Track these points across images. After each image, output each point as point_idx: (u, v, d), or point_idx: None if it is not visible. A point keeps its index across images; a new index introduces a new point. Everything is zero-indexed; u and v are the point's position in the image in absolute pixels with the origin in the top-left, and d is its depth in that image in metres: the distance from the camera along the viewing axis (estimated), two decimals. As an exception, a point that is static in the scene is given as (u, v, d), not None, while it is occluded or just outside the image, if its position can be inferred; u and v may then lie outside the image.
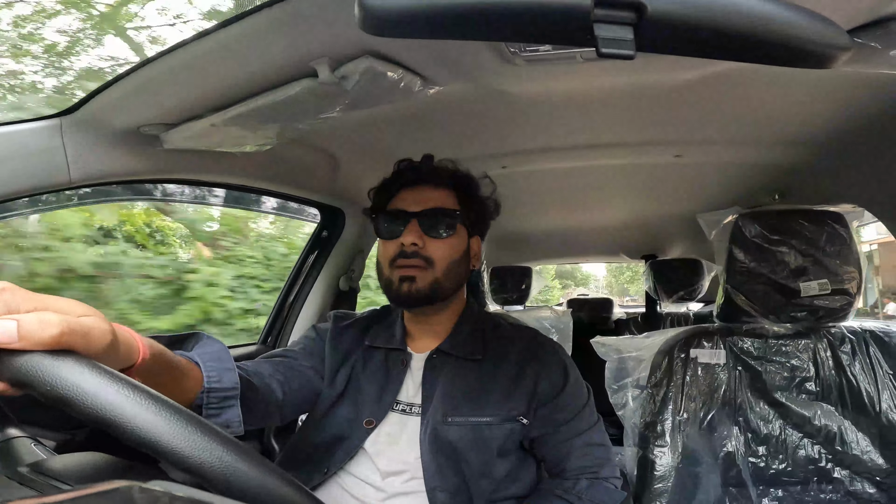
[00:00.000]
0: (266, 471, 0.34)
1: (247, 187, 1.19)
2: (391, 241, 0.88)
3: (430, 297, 0.87)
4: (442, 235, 0.87)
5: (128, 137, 0.82)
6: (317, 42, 0.63)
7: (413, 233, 0.85)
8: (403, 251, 0.86)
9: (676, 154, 1.21)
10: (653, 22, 0.33)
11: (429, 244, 0.86)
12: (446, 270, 0.87)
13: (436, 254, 0.86)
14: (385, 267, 0.89)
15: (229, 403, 0.64)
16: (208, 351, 0.65)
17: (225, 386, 0.63)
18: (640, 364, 1.12)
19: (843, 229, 1.02)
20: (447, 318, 0.94)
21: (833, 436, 1.00)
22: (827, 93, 0.88)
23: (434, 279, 0.86)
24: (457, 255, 0.89)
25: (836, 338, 1.04)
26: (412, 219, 0.87)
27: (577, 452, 0.87)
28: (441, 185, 0.92)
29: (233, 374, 0.65)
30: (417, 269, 0.85)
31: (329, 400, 0.90)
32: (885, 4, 0.54)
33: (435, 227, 0.87)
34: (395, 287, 0.86)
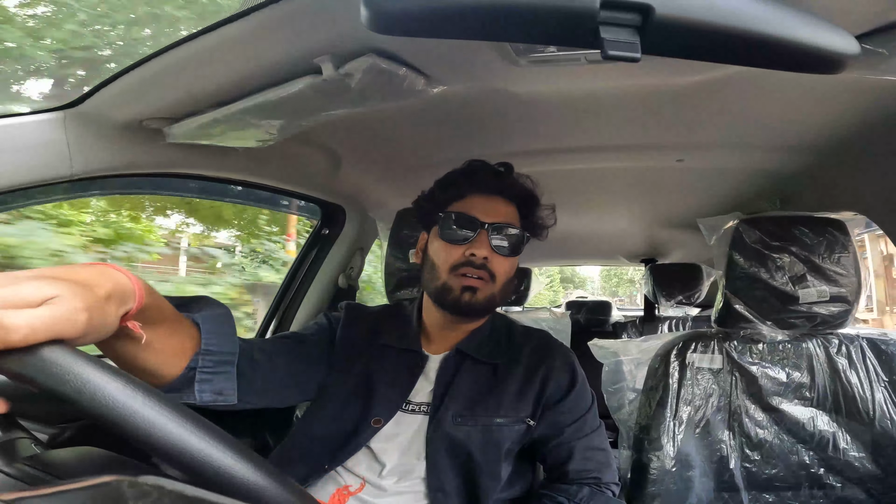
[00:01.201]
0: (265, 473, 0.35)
1: (248, 183, 1.18)
2: (456, 246, 0.85)
3: (485, 311, 0.87)
4: (508, 253, 0.86)
5: (130, 131, 0.82)
6: (321, 39, 0.63)
7: (485, 245, 0.84)
8: (472, 261, 0.84)
9: (678, 158, 1.21)
10: (659, 25, 0.33)
11: (494, 259, 0.85)
12: (504, 287, 0.87)
13: (499, 270, 0.86)
14: (443, 271, 0.85)
15: (224, 369, 0.62)
16: (210, 314, 0.63)
17: (222, 350, 0.62)
18: (636, 367, 1.13)
19: (843, 236, 1.02)
20: (473, 324, 0.93)
21: (826, 442, 1.01)
22: (829, 99, 0.88)
23: (492, 294, 0.86)
24: (513, 272, 0.90)
25: (833, 345, 1.04)
26: (483, 229, 0.84)
27: (578, 456, 0.87)
28: (512, 199, 0.90)
29: (232, 340, 0.63)
30: (482, 281, 0.84)
31: (337, 395, 0.88)
32: (891, 11, 0.53)
33: (504, 244, 0.86)
34: (455, 295, 0.84)
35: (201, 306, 0.65)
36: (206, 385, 0.60)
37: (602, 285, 26.07)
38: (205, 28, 0.62)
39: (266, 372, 0.77)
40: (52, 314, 0.37)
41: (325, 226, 1.56)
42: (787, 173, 1.27)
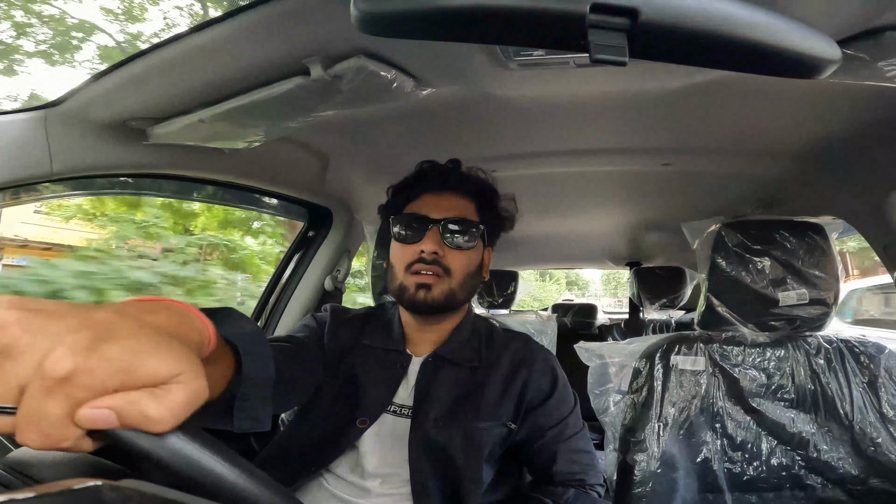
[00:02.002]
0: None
1: (234, 184, 1.17)
2: (409, 246, 0.86)
3: (444, 307, 0.86)
4: (462, 247, 0.86)
5: (113, 131, 0.81)
6: (310, 40, 0.62)
7: (434, 240, 0.84)
8: (422, 258, 0.84)
9: (664, 162, 1.23)
10: (646, 28, 0.33)
11: (448, 254, 0.85)
12: (462, 282, 0.87)
13: (454, 264, 0.85)
14: (399, 271, 0.87)
15: (263, 394, 0.57)
16: (247, 335, 0.56)
17: (262, 376, 0.56)
18: (622, 370, 1.13)
19: (823, 240, 1.04)
20: (448, 324, 0.93)
21: (806, 443, 1.02)
22: (811, 104, 0.90)
23: (450, 289, 0.85)
24: (473, 267, 0.89)
25: (813, 347, 1.06)
26: (434, 226, 0.85)
27: (562, 458, 0.88)
28: (465, 194, 0.91)
29: (270, 363, 0.58)
30: (435, 276, 0.84)
31: (326, 398, 0.88)
32: (876, 16, 0.54)
33: (456, 238, 0.86)
34: (410, 293, 0.85)
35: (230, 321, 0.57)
36: (244, 413, 0.55)
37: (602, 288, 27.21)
38: (192, 28, 0.61)
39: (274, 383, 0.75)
40: (187, 399, 0.33)
41: (311, 228, 1.55)
42: (769, 178, 1.29)
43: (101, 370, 0.30)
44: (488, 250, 0.96)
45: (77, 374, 0.29)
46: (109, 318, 0.32)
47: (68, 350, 0.29)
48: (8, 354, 0.28)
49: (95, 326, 0.31)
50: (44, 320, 0.30)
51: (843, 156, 1.09)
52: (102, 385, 0.30)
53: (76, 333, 0.30)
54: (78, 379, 0.29)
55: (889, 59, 0.58)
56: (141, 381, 0.31)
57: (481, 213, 0.91)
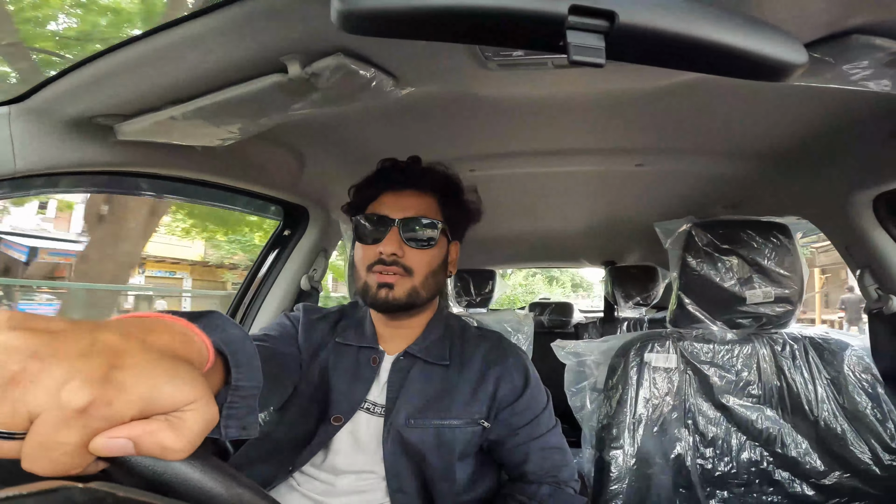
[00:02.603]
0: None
1: (206, 182, 1.14)
2: (370, 247, 0.86)
3: (408, 305, 0.86)
4: (423, 246, 0.86)
5: (79, 128, 0.78)
6: (289, 37, 0.61)
7: (393, 241, 0.84)
8: (382, 258, 0.84)
9: (638, 163, 1.25)
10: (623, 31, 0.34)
11: (409, 253, 0.85)
12: (424, 280, 0.86)
13: (415, 263, 0.85)
14: (362, 270, 0.87)
15: (251, 403, 0.56)
16: (234, 340, 0.54)
17: (251, 384, 0.55)
18: (597, 367, 1.15)
19: (787, 240, 1.08)
20: (418, 322, 0.93)
21: (774, 439, 1.05)
22: (777, 107, 0.93)
23: (412, 287, 0.85)
24: (436, 264, 0.88)
25: (778, 343, 1.09)
26: (393, 226, 0.85)
27: (535, 456, 0.88)
28: (426, 191, 0.90)
29: (258, 370, 0.57)
30: (396, 276, 0.84)
31: (300, 396, 0.87)
32: (843, 19, 0.56)
33: (416, 237, 0.86)
34: (373, 292, 0.85)
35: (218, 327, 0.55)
36: (232, 421, 0.53)
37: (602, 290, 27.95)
38: (164, 24, 0.59)
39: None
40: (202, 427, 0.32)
41: (287, 227, 1.53)
42: (738, 178, 1.33)
43: (119, 401, 0.29)
44: (455, 245, 0.96)
45: (95, 406, 0.28)
46: (116, 341, 0.31)
47: (85, 381, 0.28)
48: (16, 382, 0.27)
49: (106, 352, 0.30)
50: (52, 343, 0.29)
51: (807, 157, 1.13)
52: (120, 415, 0.29)
53: (88, 360, 0.29)
54: (96, 410, 0.28)
55: (854, 63, 0.59)
56: (159, 409, 0.31)
57: (444, 209, 0.91)
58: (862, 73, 0.61)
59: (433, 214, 0.89)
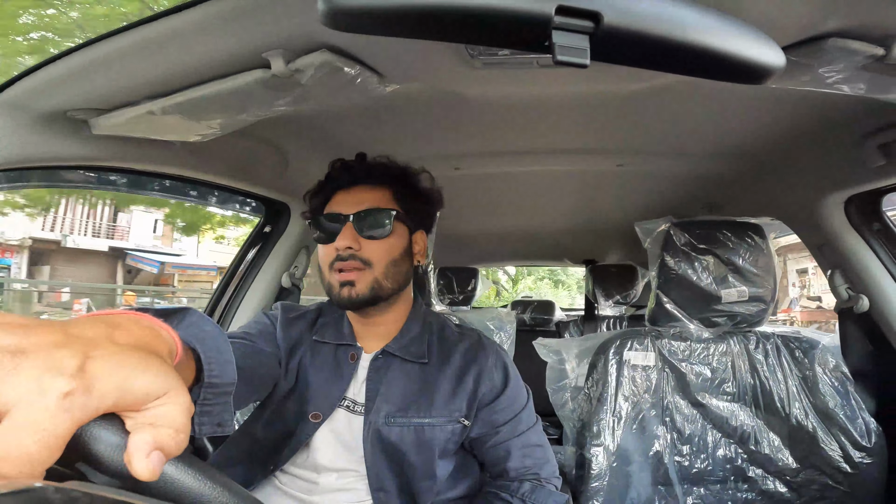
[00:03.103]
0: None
1: (185, 178, 1.12)
2: (328, 246, 0.87)
3: (372, 299, 0.86)
4: (378, 236, 0.86)
5: (53, 122, 0.76)
6: (272, 33, 0.60)
7: (347, 236, 0.84)
8: (340, 255, 0.84)
9: (619, 163, 1.27)
10: (608, 32, 0.34)
11: (365, 246, 0.85)
12: (385, 271, 0.86)
13: (373, 255, 0.85)
14: (325, 271, 0.88)
15: (225, 400, 0.55)
16: (206, 336, 0.54)
17: (225, 381, 0.55)
18: (578, 365, 1.17)
19: (762, 240, 1.10)
20: (393, 318, 0.93)
21: (748, 436, 1.07)
22: (753, 109, 0.95)
23: (373, 280, 0.85)
24: (396, 254, 0.88)
25: (752, 342, 1.12)
26: (347, 221, 0.86)
27: (516, 454, 0.89)
28: (377, 184, 0.91)
29: (232, 367, 0.56)
30: (356, 271, 0.84)
31: (279, 394, 0.87)
32: (820, 23, 0.57)
33: (371, 228, 0.86)
34: (336, 291, 0.85)
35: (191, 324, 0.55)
36: (206, 418, 0.53)
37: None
38: (145, 18, 0.58)
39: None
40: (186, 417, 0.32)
41: (268, 223, 1.51)
42: (714, 179, 1.36)
43: (96, 389, 0.28)
44: (420, 234, 0.96)
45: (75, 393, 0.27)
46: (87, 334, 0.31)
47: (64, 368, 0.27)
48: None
49: (79, 343, 0.29)
50: (27, 336, 0.28)
51: (781, 159, 1.16)
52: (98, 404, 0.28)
53: (65, 349, 0.28)
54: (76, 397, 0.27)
55: (830, 65, 0.61)
56: (132, 400, 0.30)
57: (400, 199, 0.92)
58: (837, 75, 0.63)
59: (386, 205, 0.89)
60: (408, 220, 0.92)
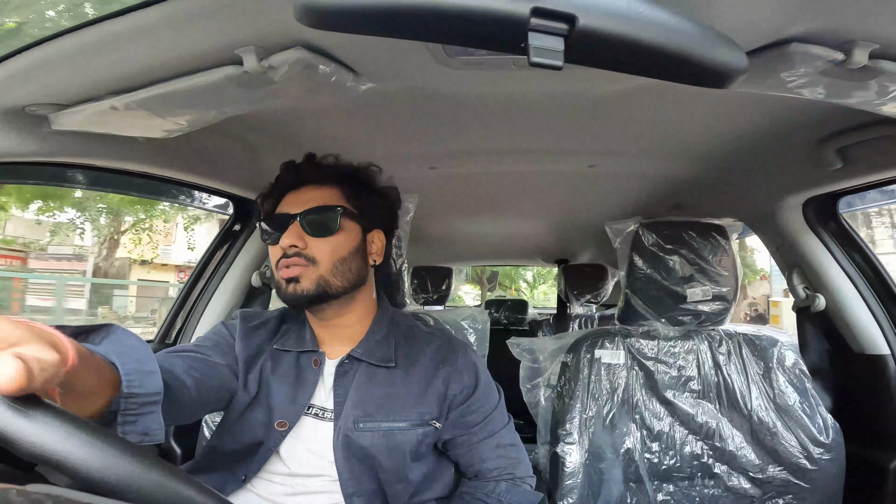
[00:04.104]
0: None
1: (149, 175, 1.08)
2: (275, 246, 0.86)
3: (319, 296, 0.85)
4: (324, 234, 0.86)
5: (11, 117, 0.73)
6: (246, 29, 0.59)
7: (292, 234, 0.84)
8: (285, 253, 0.84)
9: (590, 164, 1.29)
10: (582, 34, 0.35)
11: (311, 244, 0.85)
12: (332, 268, 0.85)
13: (319, 252, 0.85)
14: (274, 271, 0.87)
15: (149, 410, 0.56)
16: (126, 349, 0.56)
17: (148, 391, 0.55)
18: (550, 364, 1.18)
19: (725, 241, 1.14)
20: (356, 321, 0.92)
21: (713, 433, 1.10)
22: (716, 111, 0.97)
23: (319, 277, 0.84)
24: (344, 251, 0.87)
25: (715, 340, 1.15)
26: (293, 221, 0.85)
27: (490, 454, 0.89)
28: (326, 184, 0.90)
29: (156, 377, 0.57)
30: (299, 267, 0.84)
31: (242, 404, 0.85)
32: (783, 28, 0.58)
33: (316, 226, 0.86)
34: (283, 289, 0.85)
35: (110, 338, 0.57)
36: (130, 427, 0.54)
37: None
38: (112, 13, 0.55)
39: (176, 394, 0.71)
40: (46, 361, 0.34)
41: (237, 221, 1.47)
42: (680, 180, 1.40)
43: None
44: (377, 233, 0.94)
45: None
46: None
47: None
48: None
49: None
50: None
51: (742, 161, 1.20)
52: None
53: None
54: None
55: (792, 70, 0.63)
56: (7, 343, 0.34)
57: (352, 198, 0.91)
58: (798, 80, 0.65)
59: (333, 202, 0.88)
60: (360, 219, 0.90)
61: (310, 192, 0.88)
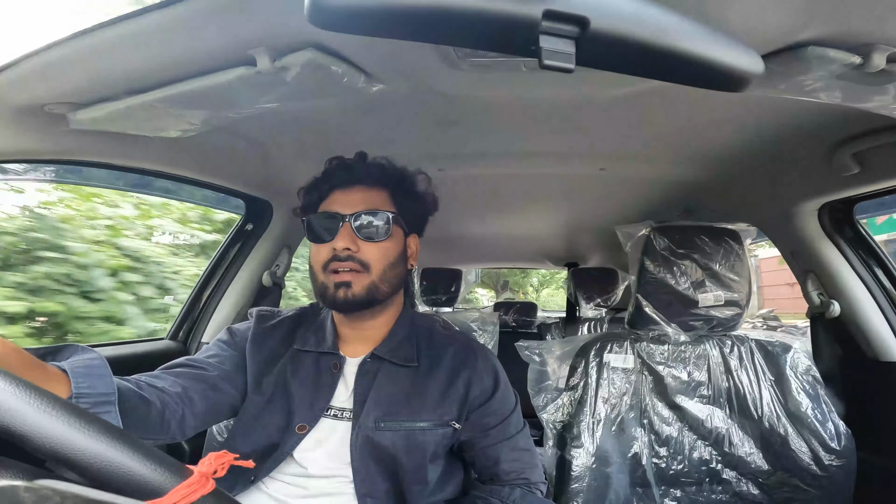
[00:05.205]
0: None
1: (164, 173, 1.10)
2: (323, 245, 0.84)
3: (368, 302, 0.84)
4: (376, 239, 0.85)
5: (30, 116, 0.74)
6: (259, 30, 0.60)
7: (346, 236, 0.83)
8: (337, 255, 0.82)
9: (601, 167, 1.28)
10: (594, 37, 0.35)
11: (363, 248, 0.84)
12: (382, 274, 0.85)
13: (371, 258, 0.84)
14: (318, 272, 0.85)
15: (105, 409, 0.60)
16: (78, 360, 0.61)
17: (96, 391, 0.59)
18: (559, 367, 1.17)
19: (738, 246, 1.12)
20: (383, 322, 0.92)
21: (722, 438, 1.09)
22: (731, 116, 0.97)
23: (370, 283, 0.84)
24: (392, 257, 0.87)
25: (727, 345, 1.14)
26: (345, 221, 0.84)
27: (505, 457, 0.89)
28: (375, 185, 0.89)
29: (106, 381, 0.61)
30: (353, 273, 0.83)
31: (256, 407, 0.85)
32: (798, 31, 0.58)
33: (369, 231, 0.84)
34: (331, 293, 0.83)
35: (69, 353, 0.63)
36: None
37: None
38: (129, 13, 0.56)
39: (161, 410, 0.73)
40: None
41: (249, 221, 1.49)
42: (692, 184, 1.38)
43: None
44: (413, 237, 0.95)
45: None
46: None
47: None
48: None
49: None
50: None
51: (757, 166, 1.19)
52: None
53: None
54: None
55: (807, 74, 0.62)
56: None
57: (397, 202, 0.90)
58: (814, 84, 0.64)
59: (385, 207, 0.88)
60: (403, 224, 0.90)
61: (360, 193, 0.87)
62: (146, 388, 0.73)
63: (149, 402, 0.71)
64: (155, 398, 0.73)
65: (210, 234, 3.04)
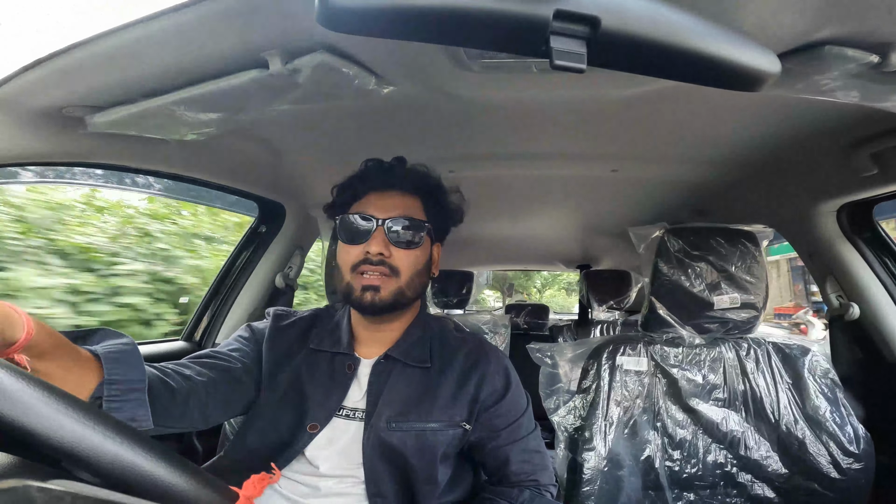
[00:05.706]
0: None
1: (179, 176, 1.12)
2: (355, 246, 0.84)
3: (394, 307, 0.85)
4: (409, 246, 0.85)
5: (48, 119, 0.76)
6: (271, 34, 0.61)
7: (380, 241, 0.83)
8: (368, 258, 0.83)
9: (613, 169, 1.27)
10: (605, 37, 0.35)
11: (395, 254, 0.84)
12: (410, 281, 0.86)
13: (402, 264, 0.84)
14: (346, 272, 0.85)
15: (134, 396, 0.61)
16: (111, 344, 0.63)
17: (127, 378, 0.61)
18: (571, 370, 1.16)
19: (754, 247, 1.11)
20: (399, 324, 0.92)
21: (737, 441, 1.07)
22: (747, 116, 0.95)
23: (398, 288, 0.84)
24: (420, 264, 0.88)
25: (743, 348, 1.12)
26: (379, 225, 0.84)
27: (516, 459, 0.88)
28: (411, 192, 0.89)
29: (138, 368, 0.63)
30: (382, 277, 0.83)
31: (269, 405, 0.86)
32: (815, 30, 0.57)
33: (403, 237, 0.85)
34: (357, 295, 0.83)
35: (101, 338, 0.64)
36: (115, 413, 0.59)
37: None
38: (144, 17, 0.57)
39: (186, 398, 0.74)
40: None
41: (262, 223, 1.50)
42: (707, 185, 1.37)
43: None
44: (437, 246, 0.96)
45: None
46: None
47: None
48: None
49: None
50: None
51: (774, 167, 1.17)
52: None
53: None
54: None
55: (825, 73, 0.61)
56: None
57: (428, 210, 0.91)
58: (831, 83, 0.63)
59: (419, 215, 0.88)
60: (433, 233, 0.91)
61: (396, 198, 0.87)
62: (172, 375, 0.74)
63: (174, 389, 0.73)
64: (180, 386, 0.74)
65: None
